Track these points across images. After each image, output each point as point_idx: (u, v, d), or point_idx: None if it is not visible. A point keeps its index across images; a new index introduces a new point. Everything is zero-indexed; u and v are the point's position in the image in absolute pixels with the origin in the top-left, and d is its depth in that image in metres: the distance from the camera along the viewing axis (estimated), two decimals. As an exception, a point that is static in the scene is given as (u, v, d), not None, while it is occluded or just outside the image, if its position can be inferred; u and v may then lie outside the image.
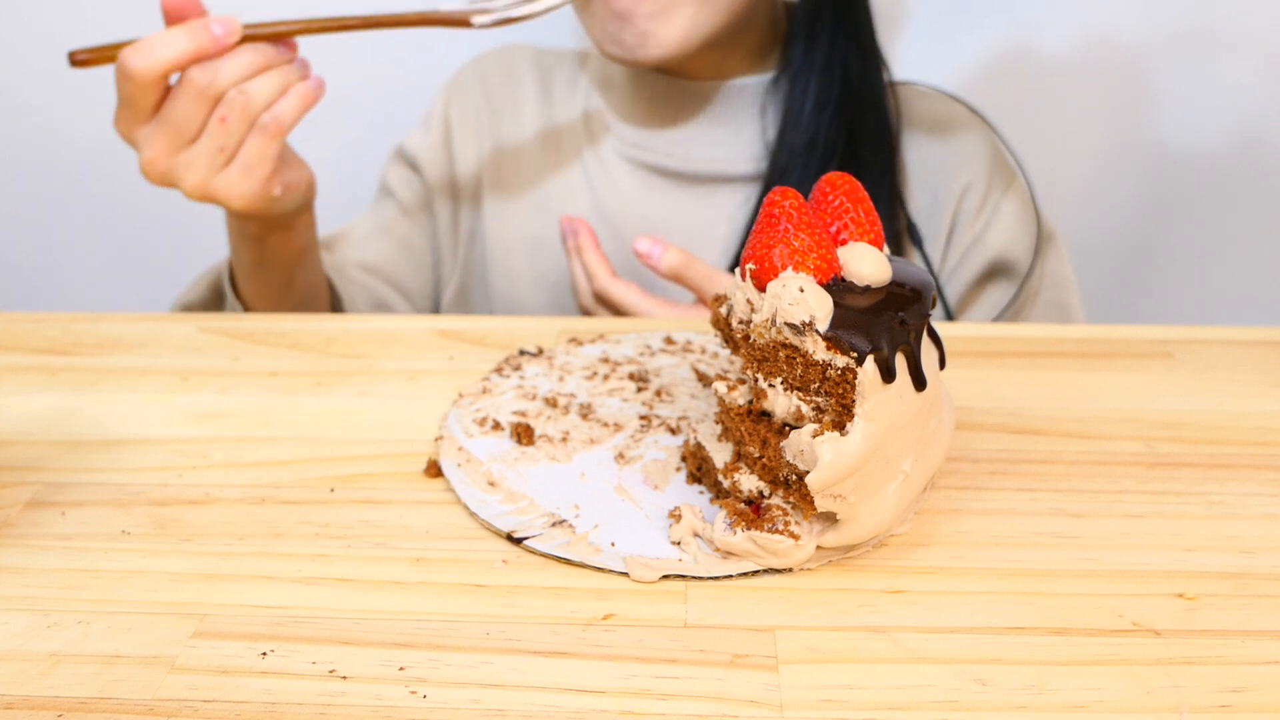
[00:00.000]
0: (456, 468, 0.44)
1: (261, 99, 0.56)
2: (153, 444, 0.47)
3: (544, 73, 0.83)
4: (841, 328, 0.36)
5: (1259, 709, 0.32)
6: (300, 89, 0.58)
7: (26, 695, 0.33)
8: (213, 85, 0.56)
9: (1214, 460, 0.46)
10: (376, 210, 0.84)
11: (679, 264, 0.64)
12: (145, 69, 0.54)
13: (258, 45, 0.57)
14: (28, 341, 0.57)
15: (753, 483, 0.40)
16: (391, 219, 0.82)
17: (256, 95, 0.56)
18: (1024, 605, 0.37)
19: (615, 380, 0.52)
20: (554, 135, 0.80)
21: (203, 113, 0.56)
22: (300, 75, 0.59)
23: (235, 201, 0.59)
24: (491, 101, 0.82)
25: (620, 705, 0.33)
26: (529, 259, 0.80)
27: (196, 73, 0.55)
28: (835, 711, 0.32)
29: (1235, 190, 0.98)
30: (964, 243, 0.75)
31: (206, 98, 0.56)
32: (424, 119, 0.84)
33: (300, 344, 0.57)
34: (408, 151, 0.83)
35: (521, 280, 0.80)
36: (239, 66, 0.56)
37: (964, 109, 0.77)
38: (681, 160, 0.76)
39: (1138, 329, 0.58)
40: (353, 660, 0.34)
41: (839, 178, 0.40)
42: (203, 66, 0.56)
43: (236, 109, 0.56)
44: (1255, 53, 0.92)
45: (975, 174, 0.75)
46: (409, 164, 0.83)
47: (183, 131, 0.57)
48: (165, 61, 0.55)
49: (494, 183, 0.81)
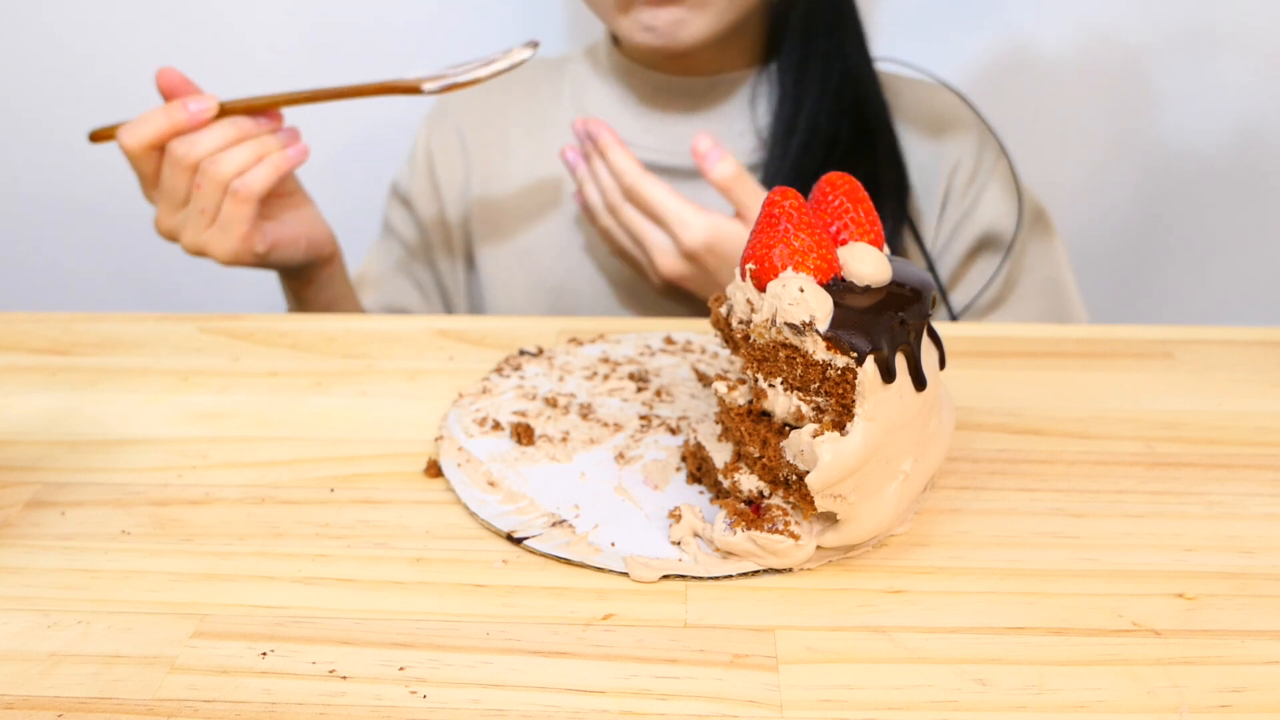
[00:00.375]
0: (456, 468, 0.44)
1: (232, 167, 0.63)
2: (153, 444, 0.47)
3: (521, 83, 0.83)
4: (841, 328, 0.36)
5: (1259, 709, 0.32)
6: (274, 158, 0.64)
7: (26, 695, 0.33)
8: (187, 156, 0.63)
9: (1214, 460, 0.46)
10: (385, 249, 0.85)
11: (731, 174, 0.64)
12: (133, 144, 0.63)
13: (235, 119, 0.64)
14: (28, 341, 0.57)
15: (753, 483, 0.40)
16: (401, 258, 0.84)
17: (227, 164, 0.63)
18: (1024, 605, 0.37)
19: (615, 380, 0.52)
20: (540, 143, 0.80)
21: (185, 180, 0.64)
22: (281, 143, 0.65)
23: (219, 256, 0.65)
24: (470, 122, 0.83)
25: (620, 705, 0.33)
26: (523, 269, 0.80)
27: (175, 145, 0.63)
28: (835, 711, 0.32)
29: (1235, 190, 0.98)
30: (954, 218, 0.76)
31: (184, 167, 0.63)
32: (409, 155, 0.85)
33: (300, 344, 0.57)
34: (400, 189, 0.85)
35: (518, 290, 0.80)
36: (213, 139, 0.63)
37: (949, 93, 0.78)
38: (672, 155, 0.76)
39: (1138, 329, 0.58)
40: (353, 660, 0.34)
41: (839, 178, 0.40)
42: (181, 140, 0.63)
43: (209, 176, 0.63)
44: (1255, 53, 0.92)
45: (963, 152, 0.77)
46: (403, 202, 0.84)
47: (174, 195, 0.64)
48: (148, 137, 0.63)
49: (484, 201, 0.81)
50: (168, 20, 0.95)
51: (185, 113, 0.63)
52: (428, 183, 0.83)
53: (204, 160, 0.63)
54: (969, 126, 0.78)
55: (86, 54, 0.96)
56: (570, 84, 0.81)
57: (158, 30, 0.96)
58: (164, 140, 0.63)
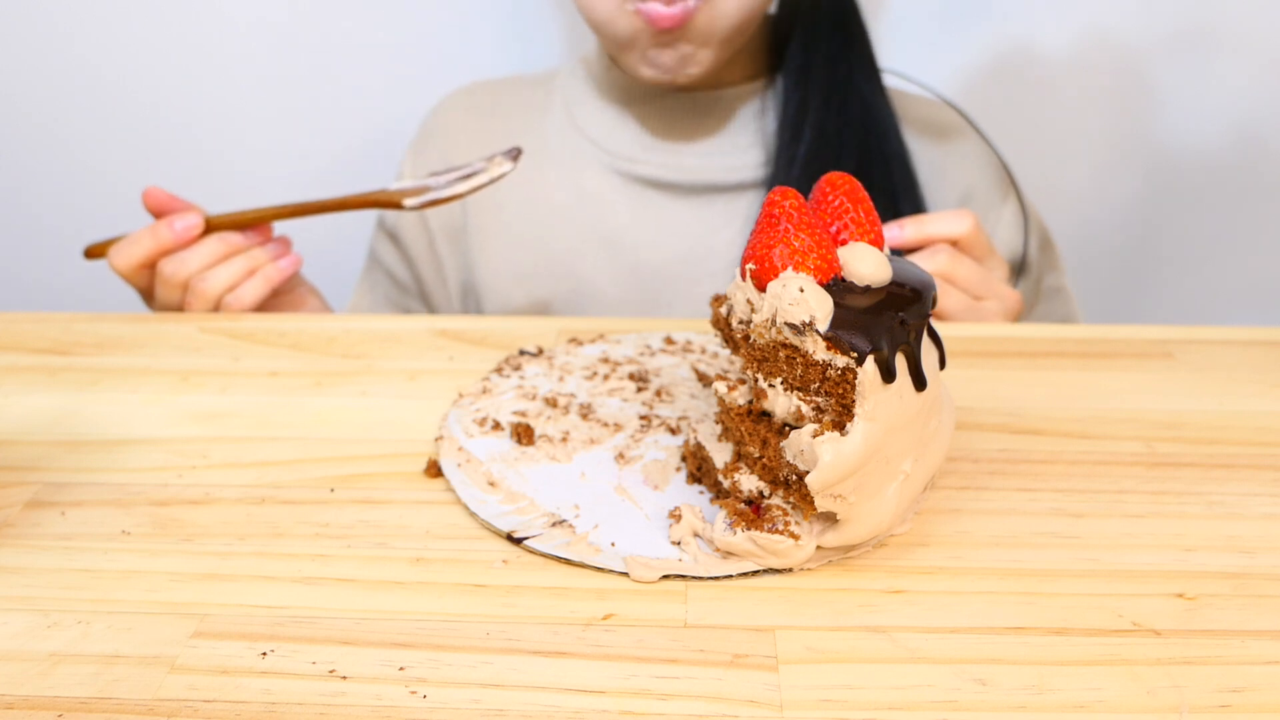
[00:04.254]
0: (456, 468, 0.44)
1: (221, 284, 0.64)
2: (153, 444, 0.47)
3: (509, 103, 0.81)
4: (841, 328, 0.36)
5: (1259, 709, 0.32)
6: (266, 270, 0.65)
7: (26, 695, 0.33)
8: (176, 275, 0.64)
9: (1214, 460, 0.46)
10: (370, 281, 0.84)
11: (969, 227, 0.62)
12: (123, 266, 0.64)
13: (223, 235, 0.64)
14: (28, 341, 0.57)
15: (753, 483, 0.40)
16: (390, 291, 0.84)
17: (216, 281, 0.64)
18: (1024, 605, 0.37)
19: (615, 380, 0.52)
20: (535, 163, 0.78)
21: (177, 295, 0.64)
22: (271, 255, 0.66)
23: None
24: (458, 146, 0.80)
25: (620, 705, 0.33)
26: (524, 291, 0.78)
27: (164, 264, 0.64)
28: (835, 711, 0.32)
29: (1235, 190, 0.98)
30: None
31: (174, 285, 0.64)
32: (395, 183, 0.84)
33: (300, 344, 0.57)
34: (386, 224, 0.83)
35: (518, 313, 0.79)
36: (201, 256, 0.64)
37: (955, 114, 0.78)
38: (676, 171, 0.75)
39: (1138, 329, 0.58)
40: (353, 660, 0.34)
41: (839, 178, 0.40)
42: (170, 259, 0.64)
43: (198, 295, 0.64)
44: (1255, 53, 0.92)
45: (974, 180, 0.76)
46: (390, 236, 0.83)
47: (170, 308, 0.65)
48: (136, 259, 0.64)
49: (478, 227, 0.79)
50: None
51: (171, 232, 0.63)
52: (415, 216, 0.82)
53: (193, 278, 0.63)
54: (977, 152, 0.77)
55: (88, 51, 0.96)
56: (561, 100, 0.80)
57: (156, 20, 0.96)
58: (152, 260, 0.64)
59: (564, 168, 0.78)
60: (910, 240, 0.63)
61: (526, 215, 0.78)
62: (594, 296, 0.77)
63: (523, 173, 0.78)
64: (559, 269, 0.77)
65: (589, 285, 0.77)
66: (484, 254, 0.79)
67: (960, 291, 0.63)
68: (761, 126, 0.75)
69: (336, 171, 0.98)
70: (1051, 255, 0.78)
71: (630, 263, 0.76)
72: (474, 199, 0.79)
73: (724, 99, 0.75)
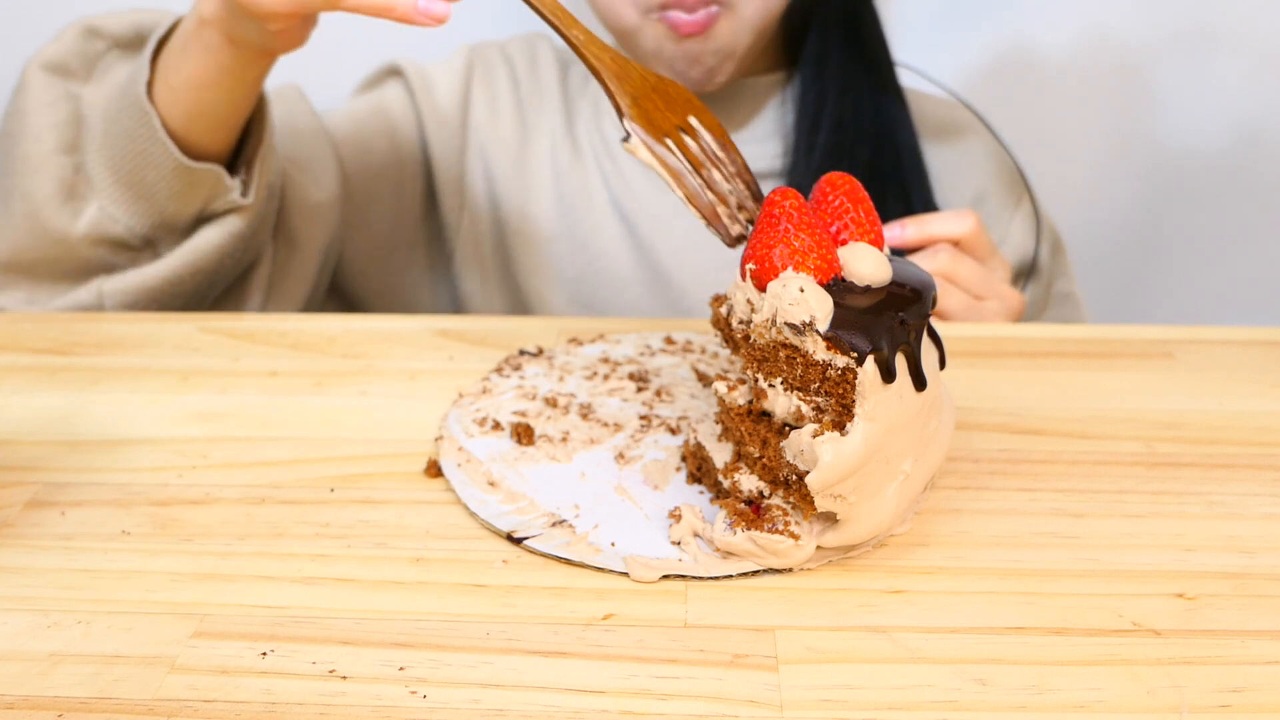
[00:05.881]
0: (456, 468, 0.44)
1: None
2: (153, 444, 0.47)
3: (564, 68, 0.82)
4: (842, 328, 0.36)
5: (1259, 709, 0.32)
6: None
7: (26, 695, 0.33)
8: None
9: (1214, 460, 0.46)
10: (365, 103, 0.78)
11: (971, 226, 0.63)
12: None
13: None
14: (28, 341, 0.57)
15: (753, 483, 0.40)
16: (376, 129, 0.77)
17: None
18: (1024, 605, 0.37)
19: (615, 380, 0.52)
20: (572, 130, 0.80)
21: None
22: None
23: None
24: (518, 87, 0.81)
25: (620, 705, 0.33)
26: (550, 255, 0.79)
27: None
28: (835, 711, 0.32)
29: (1235, 190, 0.98)
30: None
31: None
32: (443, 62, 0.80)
33: (300, 344, 0.57)
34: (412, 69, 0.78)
35: (549, 276, 0.79)
36: None
37: (969, 114, 0.78)
38: None
39: (1138, 329, 0.58)
40: (353, 660, 0.34)
41: (839, 177, 0.40)
42: None
43: None
44: (1254, 53, 0.92)
45: (987, 184, 0.77)
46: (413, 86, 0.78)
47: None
48: None
49: (516, 175, 0.79)
50: None
51: None
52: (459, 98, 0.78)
53: None
54: (990, 154, 0.77)
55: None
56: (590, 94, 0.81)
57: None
58: None
59: (596, 140, 0.79)
60: (911, 240, 0.63)
61: (560, 177, 0.79)
62: (612, 272, 0.78)
63: (563, 136, 0.79)
64: (579, 240, 0.78)
65: (607, 260, 0.78)
66: (514, 200, 0.79)
67: (961, 291, 0.63)
68: (780, 117, 0.76)
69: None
70: (1062, 260, 0.78)
71: (646, 246, 0.77)
72: (518, 146, 0.79)
73: (742, 90, 0.76)
